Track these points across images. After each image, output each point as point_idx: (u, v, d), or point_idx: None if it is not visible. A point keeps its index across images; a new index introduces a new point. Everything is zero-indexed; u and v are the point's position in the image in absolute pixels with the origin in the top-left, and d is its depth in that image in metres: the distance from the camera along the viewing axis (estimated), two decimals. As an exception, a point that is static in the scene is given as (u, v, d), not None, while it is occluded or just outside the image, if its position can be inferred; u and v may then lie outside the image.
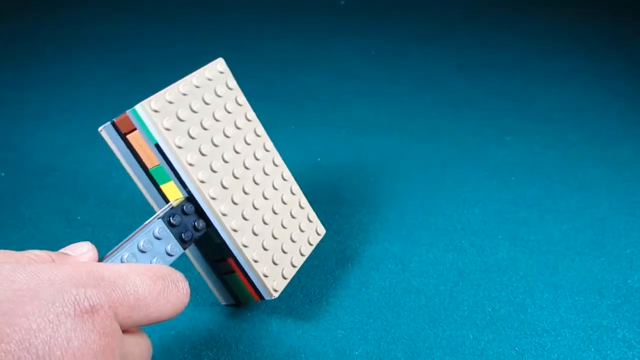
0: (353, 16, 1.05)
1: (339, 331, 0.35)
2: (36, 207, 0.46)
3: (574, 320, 0.37)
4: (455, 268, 0.42)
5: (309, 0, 1.11)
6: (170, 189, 0.32)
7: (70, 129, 0.59)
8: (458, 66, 0.83)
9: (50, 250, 0.23)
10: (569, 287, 0.40)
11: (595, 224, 0.48)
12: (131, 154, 0.32)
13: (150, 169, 0.32)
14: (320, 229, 0.39)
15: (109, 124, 0.31)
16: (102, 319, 0.19)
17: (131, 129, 0.31)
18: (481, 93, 0.74)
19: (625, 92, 0.76)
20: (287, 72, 0.78)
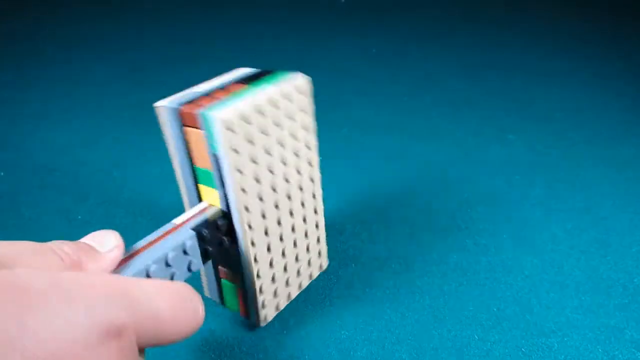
0: (353, 16, 1.05)
1: (342, 332, 0.35)
2: (36, 207, 0.46)
3: (581, 320, 0.37)
4: (459, 268, 0.41)
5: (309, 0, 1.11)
6: (208, 192, 0.31)
7: (70, 128, 0.59)
8: (458, 66, 0.83)
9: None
10: (575, 287, 0.40)
11: (599, 223, 0.47)
12: (182, 143, 0.30)
13: (196, 166, 0.30)
14: (324, 263, 0.39)
15: (170, 107, 0.29)
16: (127, 343, 0.19)
17: (194, 126, 0.28)
18: (482, 93, 0.74)
19: (626, 92, 0.76)
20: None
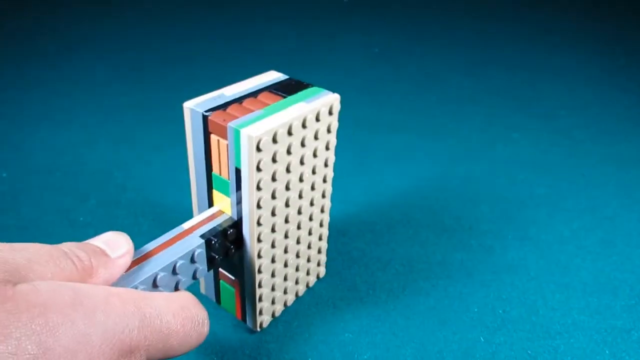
0: (356, 14, 1.04)
1: (346, 335, 0.35)
2: (37, 208, 0.45)
3: (587, 321, 0.36)
4: (464, 269, 0.41)
5: (311, -3, 1.10)
6: (221, 198, 0.30)
7: (71, 128, 0.58)
8: (462, 63, 0.82)
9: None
10: (581, 288, 0.39)
11: (605, 222, 0.47)
12: (204, 148, 0.29)
13: (214, 173, 0.30)
14: (321, 272, 0.39)
15: (199, 111, 0.28)
16: (137, 359, 0.20)
17: (221, 136, 0.28)
18: (486, 91, 0.73)
19: (631, 88, 0.76)
20: (290, 71, 0.77)
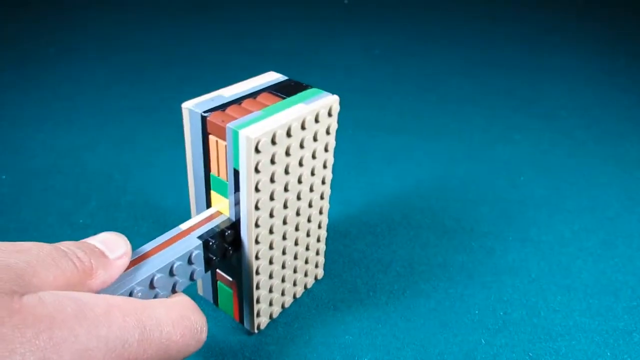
0: (356, 15, 1.04)
1: (347, 337, 0.34)
2: (37, 210, 0.45)
3: (589, 323, 0.36)
4: (465, 270, 0.41)
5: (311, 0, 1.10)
6: (219, 199, 0.30)
7: (72, 131, 0.58)
8: (463, 64, 0.82)
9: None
10: (583, 290, 0.39)
11: (607, 223, 0.47)
12: (202, 149, 0.29)
13: (212, 174, 0.30)
14: (319, 274, 0.39)
15: (197, 112, 0.28)
16: None
17: (219, 137, 0.28)
18: (486, 91, 0.73)
19: (632, 89, 0.75)
20: (290, 72, 0.77)
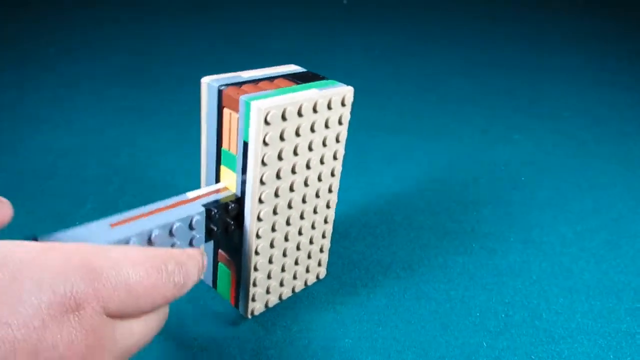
0: (356, 15, 1.04)
1: (346, 340, 0.34)
2: (34, 213, 0.45)
3: (591, 325, 0.36)
4: (466, 272, 0.40)
5: (311, 0, 1.10)
6: (228, 174, 0.31)
7: (70, 132, 0.58)
8: (463, 64, 0.82)
9: None
10: (585, 291, 0.39)
11: (609, 224, 0.46)
12: (216, 123, 0.30)
13: (223, 148, 0.30)
14: (322, 273, 0.39)
15: (215, 86, 0.29)
16: (90, 315, 0.18)
17: (233, 110, 0.29)
18: (487, 91, 0.73)
19: (634, 88, 0.75)
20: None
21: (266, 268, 0.33)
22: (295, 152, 0.30)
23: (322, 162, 0.32)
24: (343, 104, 0.31)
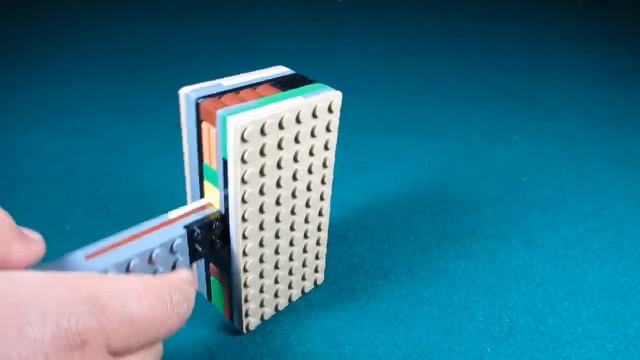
0: (352, 14, 1.03)
1: (347, 347, 0.33)
2: (25, 216, 0.44)
3: (598, 330, 0.35)
4: (467, 275, 0.39)
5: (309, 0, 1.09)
6: (211, 190, 0.29)
7: (62, 133, 0.57)
8: (462, 64, 0.81)
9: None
10: (590, 294, 0.38)
11: (612, 225, 0.46)
12: (196, 136, 0.28)
13: (204, 163, 0.29)
14: (319, 279, 0.37)
15: (193, 97, 0.27)
16: (94, 353, 0.17)
17: (211, 124, 0.27)
18: (486, 91, 0.72)
19: (634, 88, 0.74)
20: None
21: (257, 283, 0.32)
22: (279, 166, 0.28)
23: (311, 172, 0.31)
24: (330, 110, 0.29)
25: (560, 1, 1.14)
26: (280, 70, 0.32)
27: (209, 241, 0.28)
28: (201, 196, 0.30)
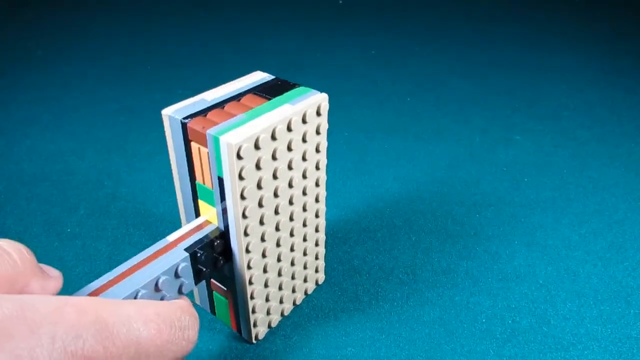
0: (351, 15, 1.03)
1: (349, 349, 0.33)
2: (23, 219, 0.44)
3: (601, 331, 0.35)
4: (470, 277, 0.39)
5: (308, 0, 1.09)
6: (207, 208, 0.29)
7: (60, 135, 0.57)
8: (462, 64, 0.81)
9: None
10: (593, 296, 0.38)
11: (614, 226, 0.45)
12: (186, 157, 0.28)
13: (197, 182, 0.28)
14: (320, 279, 0.37)
15: (177, 119, 0.27)
16: None
17: (201, 144, 0.26)
18: (486, 92, 0.72)
19: (635, 88, 0.74)
20: (286, 73, 0.76)
21: (263, 293, 0.31)
22: (274, 176, 0.28)
23: (305, 177, 0.31)
24: (319, 113, 0.29)
25: (560, 1, 1.13)
26: (260, 77, 0.32)
27: (212, 260, 0.28)
28: (196, 215, 0.30)
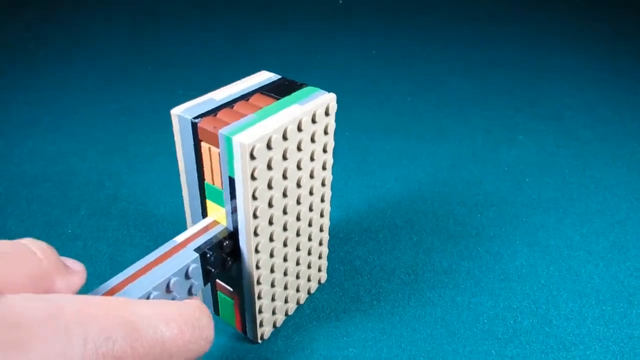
0: (352, 15, 1.03)
1: (350, 349, 0.33)
2: (25, 221, 0.44)
3: (603, 331, 0.34)
4: (471, 277, 0.39)
5: (307, 0, 1.09)
6: (215, 208, 0.29)
7: (61, 136, 0.57)
8: (464, 64, 0.81)
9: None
10: (595, 296, 0.37)
11: (616, 226, 0.45)
12: (195, 157, 0.28)
13: (206, 182, 0.28)
14: (322, 278, 0.37)
15: (187, 118, 0.27)
16: None
17: (212, 144, 0.26)
18: (488, 92, 0.72)
19: (636, 88, 0.74)
20: (286, 73, 0.76)
21: (269, 292, 0.31)
22: (284, 176, 0.28)
23: (312, 177, 0.31)
24: (327, 113, 0.29)
25: (560, 1, 1.13)
26: (266, 76, 0.32)
27: (221, 260, 0.28)
28: (204, 215, 0.30)
